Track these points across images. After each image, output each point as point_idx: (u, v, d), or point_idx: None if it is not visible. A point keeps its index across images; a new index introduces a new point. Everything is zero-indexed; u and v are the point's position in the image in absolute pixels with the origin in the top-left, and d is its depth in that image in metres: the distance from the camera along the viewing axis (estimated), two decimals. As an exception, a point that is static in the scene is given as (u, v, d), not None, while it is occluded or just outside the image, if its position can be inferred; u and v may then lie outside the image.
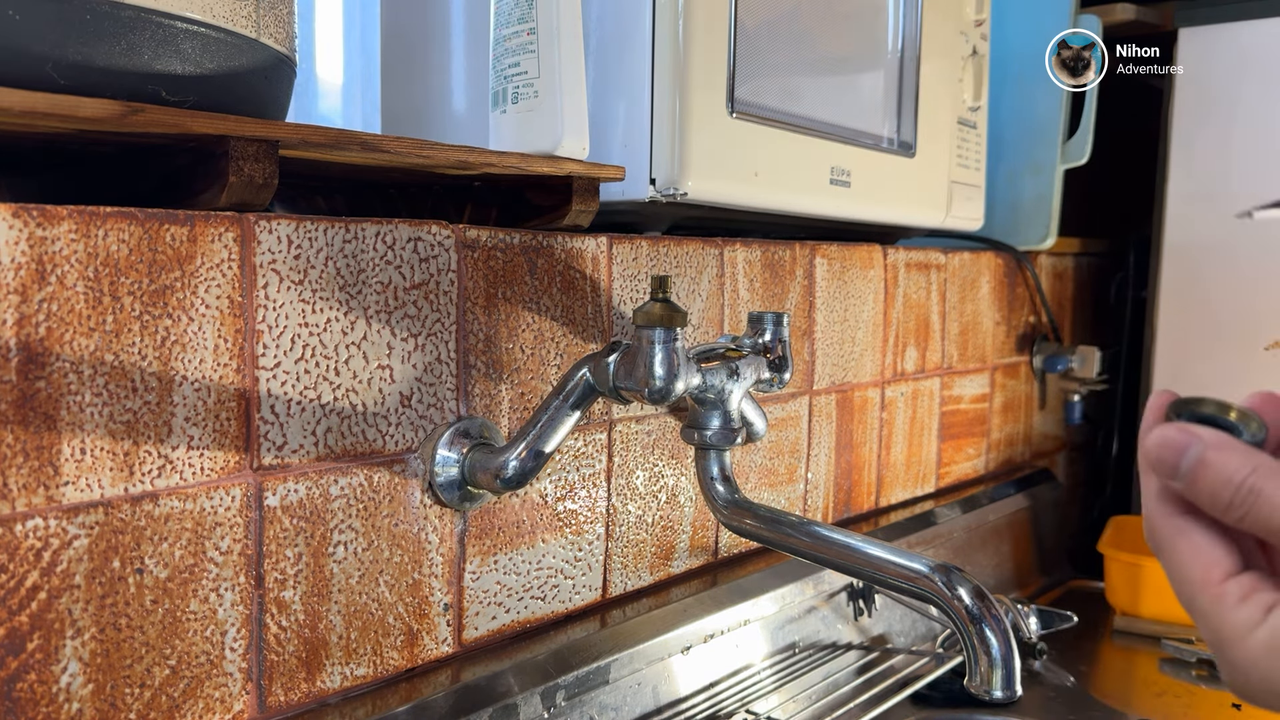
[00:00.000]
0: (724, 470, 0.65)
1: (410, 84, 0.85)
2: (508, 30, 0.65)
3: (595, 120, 0.72)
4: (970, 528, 1.14)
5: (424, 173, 0.65)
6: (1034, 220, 1.26)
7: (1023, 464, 1.35)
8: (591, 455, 0.73)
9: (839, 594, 0.92)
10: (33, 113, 0.43)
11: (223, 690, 0.54)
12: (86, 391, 0.47)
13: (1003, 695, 0.53)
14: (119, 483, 0.49)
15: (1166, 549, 0.36)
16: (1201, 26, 1.27)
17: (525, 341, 0.67)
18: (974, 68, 1.03)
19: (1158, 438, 0.35)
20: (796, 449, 0.93)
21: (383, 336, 0.59)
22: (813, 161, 0.83)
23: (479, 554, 0.66)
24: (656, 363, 0.59)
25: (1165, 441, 0.35)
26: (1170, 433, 0.35)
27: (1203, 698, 0.97)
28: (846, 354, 0.98)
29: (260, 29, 0.52)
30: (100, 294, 0.47)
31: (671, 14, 0.70)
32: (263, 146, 0.51)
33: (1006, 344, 1.28)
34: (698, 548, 0.84)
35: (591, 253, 0.71)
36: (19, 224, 0.45)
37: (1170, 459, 0.34)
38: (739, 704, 0.77)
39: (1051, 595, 1.24)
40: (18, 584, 0.46)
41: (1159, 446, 0.35)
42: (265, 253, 0.53)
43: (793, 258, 0.90)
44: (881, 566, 0.57)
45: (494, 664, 0.64)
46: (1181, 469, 0.34)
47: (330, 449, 0.57)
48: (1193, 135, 1.29)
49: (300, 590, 0.56)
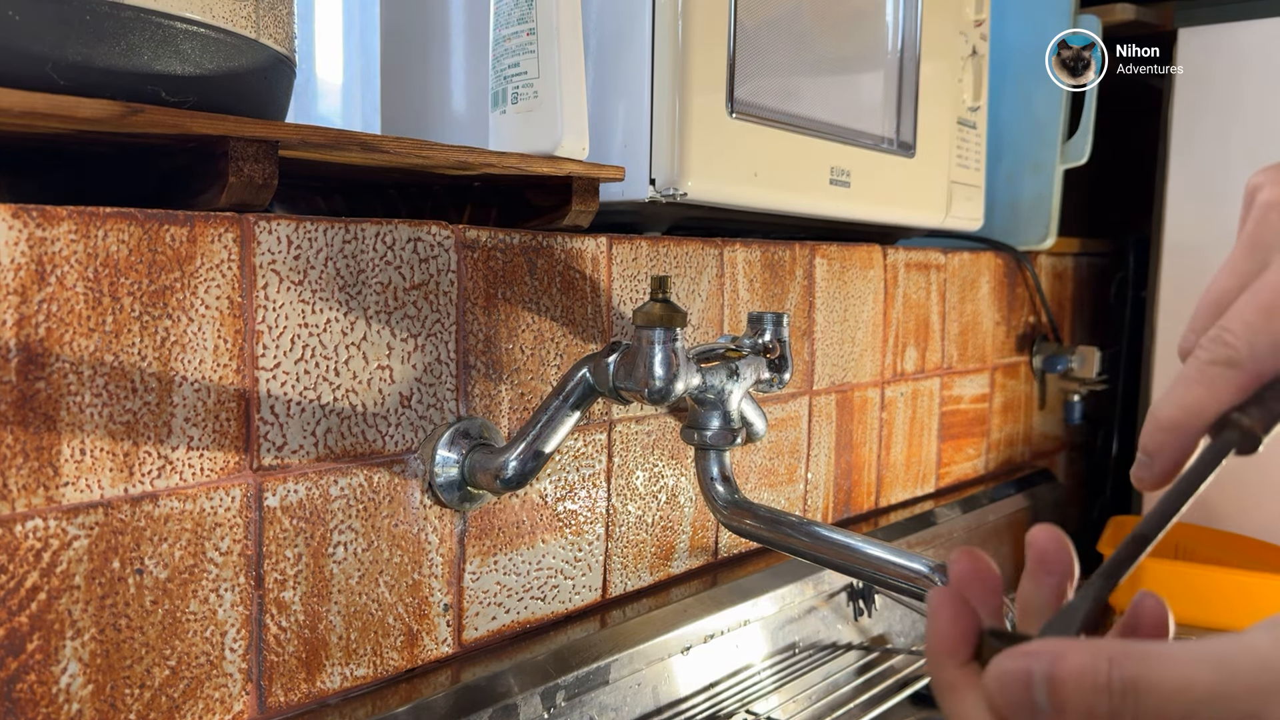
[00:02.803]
0: (724, 470, 0.65)
1: (410, 84, 0.85)
2: (507, 30, 0.65)
3: (595, 120, 0.72)
4: (970, 528, 1.14)
5: (424, 173, 0.65)
6: (1034, 220, 1.26)
7: (1023, 464, 1.35)
8: (591, 455, 0.73)
9: (839, 594, 0.92)
10: (32, 113, 0.43)
11: (223, 691, 0.54)
12: (86, 392, 0.47)
13: (1003, 696, 0.53)
14: (119, 483, 0.49)
15: None
16: (1201, 26, 1.27)
17: (525, 342, 0.67)
18: (974, 68, 1.03)
19: (995, 679, 0.28)
20: (796, 449, 0.93)
21: (382, 337, 0.59)
22: (812, 162, 0.83)
23: (479, 554, 0.66)
24: (656, 363, 0.59)
25: (1004, 679, 0.28)
26: (1004, 663, 0.28)
27: (1203, 698, 0.96)
28: (846, 354, 0.98)
29: (260, 29, 0.52)
30: (100, 294, 0.47)
31: (671, 14, 0.70)
32: (262, 147, 0.51)
33: (1006, 344, 1.28)
34: (698, 548, 0.84)
35: (591, 253, 0.71)
36: (19, 224, 0.45)
37: (1020, 697, 0.28)
38: (739, 704, 0.77)
39: (1051, 595, 1.24)
40: (17, 584, 0.46)
41: (1000, 690, 0.28)
42: (265, 253, 0.53)
43: (792, 258, 0.90)
44: (881, 566, 0.57)
45: (494, 664, 0.64)
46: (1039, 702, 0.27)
47: (330, 449, 0.57)
48: (1193, 135, 1.29)
49: (300, 591, 0.56)
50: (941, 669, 0.32)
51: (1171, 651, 0.27)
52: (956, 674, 0.31)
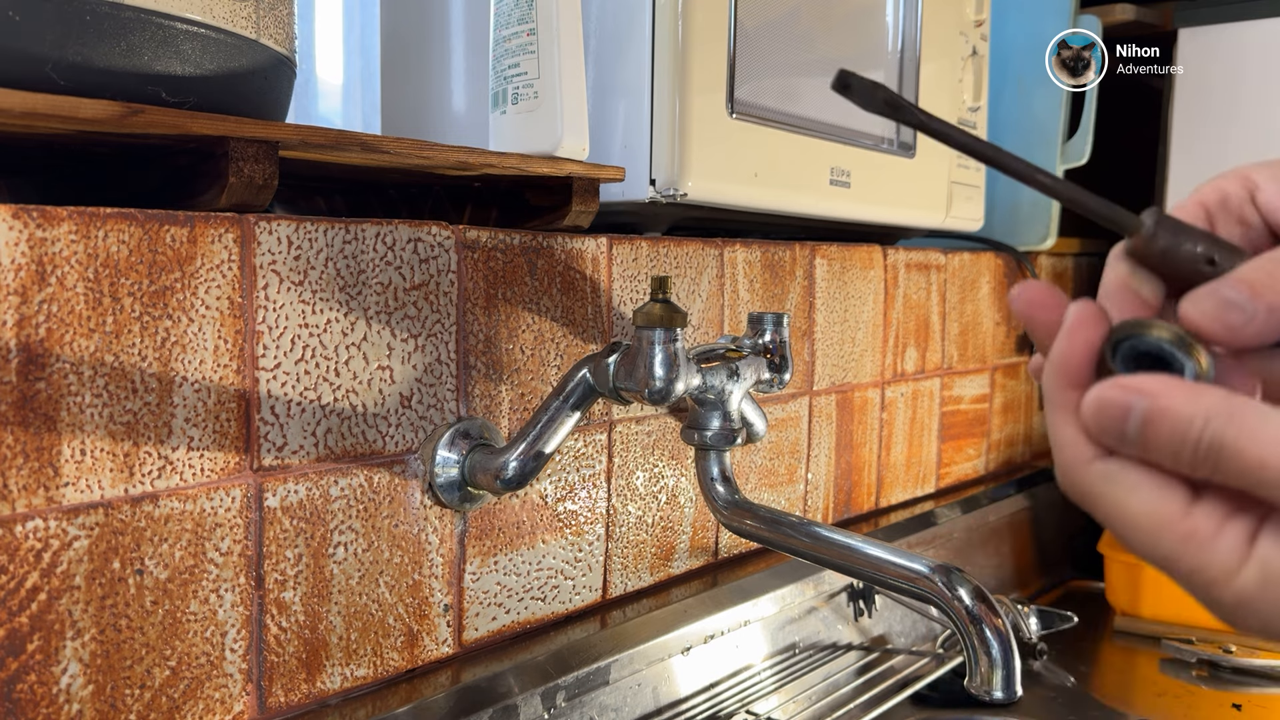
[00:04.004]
0: (724, 471, 0.65)
1: (410, 84, 0.85)
2: (507, 31, 0.65)
3: (595, 121, 0.72)
4: (970, 528, 1.14)
5: (424, 173, 0.65)
6: (1034, 220, 1.26)
7: (1023, 464, 1.35)
8: (591, 456, 0.73)
9: (839, 594, 0.92)
10: (33, 114, 0.43)
11: (223, 691, 0.54)
12: (86, 392, 0.47)
13: (1003, 696, 0.53)
14: (119, 484, 0.49)
15: (1101, 499, 0.31)
16: (1201, 26, 1.27)
17: (525, 342, 0.67)
18: (974, 68, 1.03)
19: (1094, 403, 0.30)
20: (796, 449, 0.93)
21: (383, 337, 0.59)
22: (812, 162, 0.83)
23: (479, 555, 0.66)
24: (656, 363, 0.59)
25: (1104, 406, 0.30)
26: (1107, 392, 0.30)
27: (1203, 698, 0.97)
28: (846, 354, 0.98)
29: (260, 30, 0.52)
30: (100, 295, 0.47)
31: (671, 15, 0.70)
32: (263, 147, 0.51)
33: (1006, 344, 1.28)
34: (698, 548, 0.84)
35: (591, 253, 0.71)
36: (19, 225, 0.45)
37: (1114, 425, 0.30)
38: (739, 704, 0.77)
39: (1051, 595, 1.24)
40: (18, 585, 0.46)
41: (1097, 414, 0.30)
42: (265, 253, 0.53)
43: (793, 258, 0.90)
44: (882, 567, 0.57)
45: (494, 665, 0.64)
46: (1129, 433, 0.30)
47: (330, 450, 0.57)
48: (1193, 135, 1.29)
49: (300, 591, 0.56)
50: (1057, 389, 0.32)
51: (1266, 426, 0.28)
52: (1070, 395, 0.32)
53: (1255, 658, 1.01)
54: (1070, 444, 0.32)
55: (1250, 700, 0.95)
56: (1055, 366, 0.32)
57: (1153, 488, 0.30)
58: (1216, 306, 0.30)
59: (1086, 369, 0.32)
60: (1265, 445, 0.28)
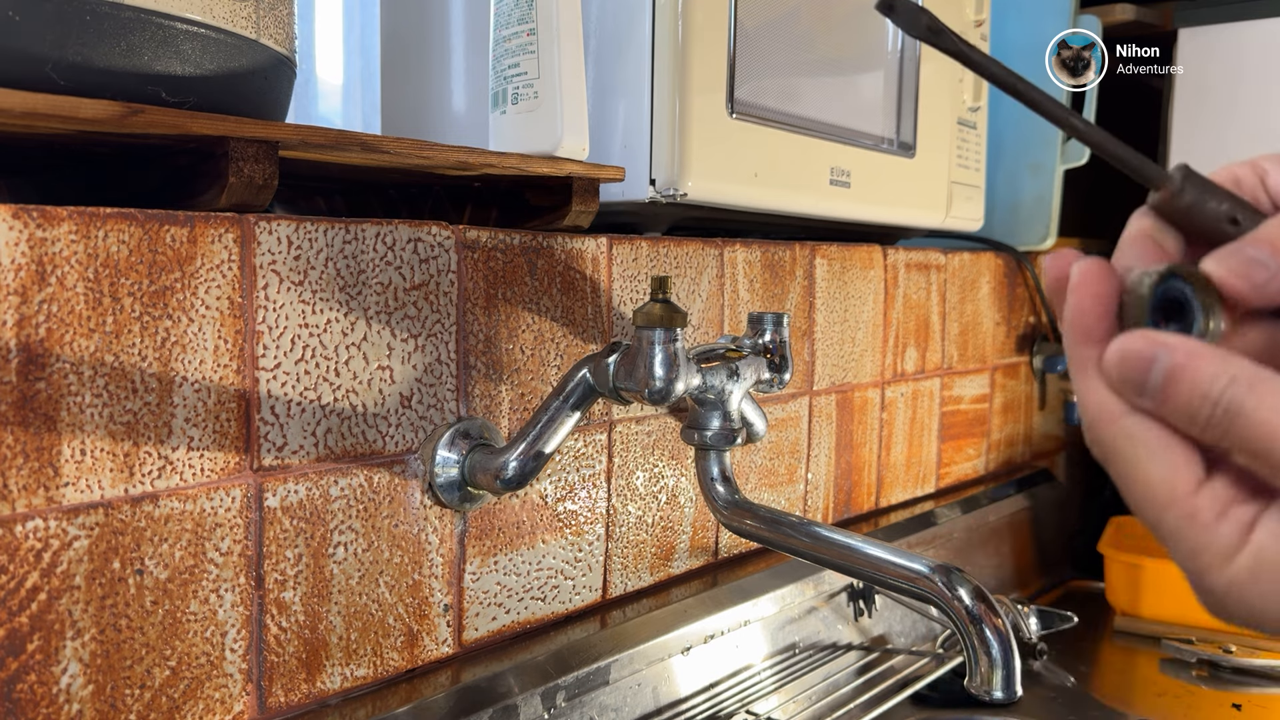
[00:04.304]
0: (724, 471, 0.65)
1: (410, 84, 0.85)
2: (507, 31, 0.65)
3: (595, 121, 0.72)
4: (970, 528, 1.14)
5: (424, 173, 0.65)
6: (1034, 220, 1.26)
7: (1023, 464, 1.35)
8: (591, 456, 0.73)
9: (839, 594, 0.92)
10: (33, 114, 0.43)
11: (223, 691, 0.54)
12: (86, 392, 0.47)
13: (1003, 696, 0.53)
14: (119, 484, 0.49)
15: (1120, 458, 0.31)
16: (1201, 26, 1.27)
17: (525, 342, 0.68)
18: (974, 68, 1.03)
19: (1118, 353, 0.30)
20: (796, 449, 0.93)
21: (383, 337, 0.59)
22: (812, 162, 0.83)
23: (479, 555, 0.66)
24: (656, 363, 0.59)
25: (1127, 355, 0.30)
26: (1133, 343, 0.30)
27: (1203, 698, 0.97)
28: (846, 354, 0.98)
29: (260, 30, 0.52)
30: (100, 295, 0.47)
31: (671, 15, 0.70)
32: (262, 147, 0.51)
33: (1006, 344, 1.28)
34: (698, 548, 0.84)
35: (591, 253, 0.71)
36: (19, 225, 0.45)
37: (1135, 376, 0.30)
38: (739, 704, 0.77)
39: (1051, 595, 1.24)
40: (18, 585, 0.46)
41: (1120, 363, 0.30)
42: (265, 253, 0.53)
43: (793, 258, 0.90)
44: (882, 567, 0.57)
45: (494, 665, 0.64)
46: (1150, 385, 0.30)
47: (330, 450, 0.57)
48: (1192, 135, 1.29)
49: (300, 591, 0.56)
50: (1074, 344, 0.32)
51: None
52: (1091, 351, 0.32)
53: (1255, 658, 1.01)
54: (1096, 400, 0.32)
55: (1250, 700, 0.95)
56: (1070, 324, 0.32)
57: (1173, 456, 0.30)
58: (1241, 263, 0.31)
59: (1100, 324, 0.32)
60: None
